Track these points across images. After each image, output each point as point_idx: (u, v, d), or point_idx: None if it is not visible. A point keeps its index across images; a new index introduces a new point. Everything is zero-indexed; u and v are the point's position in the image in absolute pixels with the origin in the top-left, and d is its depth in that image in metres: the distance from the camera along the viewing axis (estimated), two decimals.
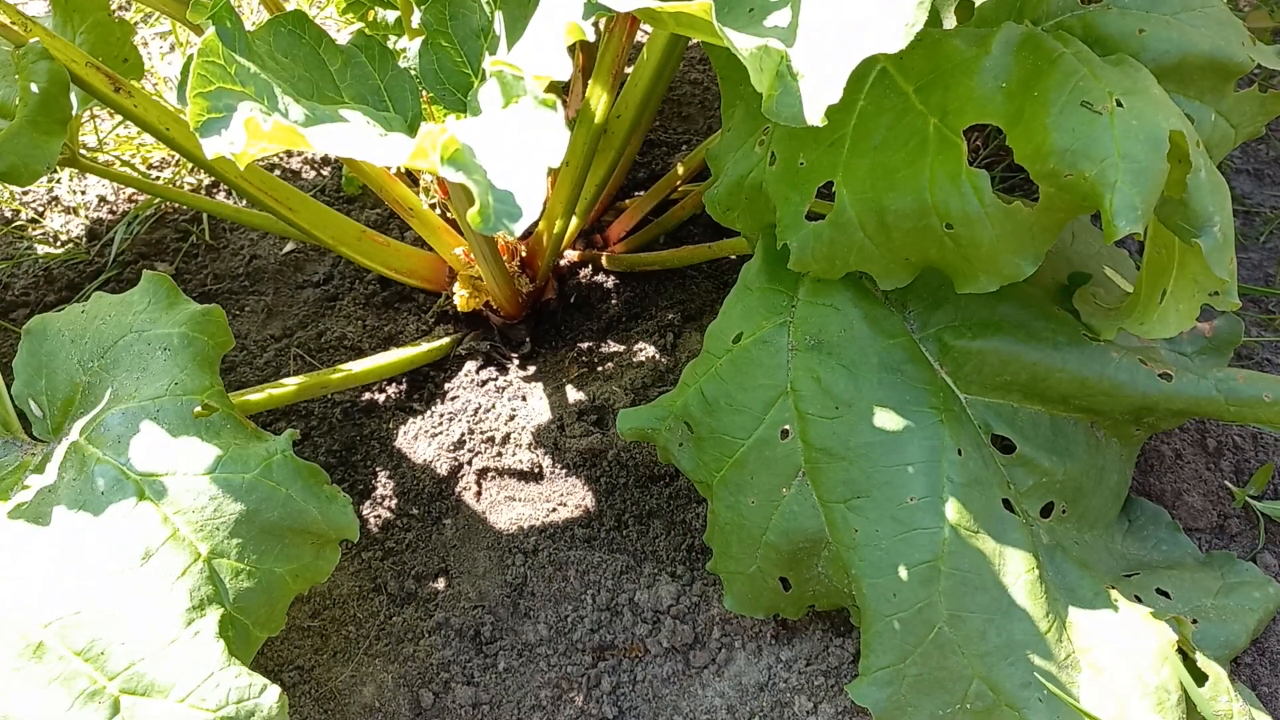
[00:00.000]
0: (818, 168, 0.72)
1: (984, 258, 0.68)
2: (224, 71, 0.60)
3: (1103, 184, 0.61)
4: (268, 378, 1.06)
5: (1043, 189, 0.65)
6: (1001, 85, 0.67)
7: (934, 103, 0.69)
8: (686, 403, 0.79)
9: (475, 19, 0.78)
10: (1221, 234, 0.65)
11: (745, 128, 0.79)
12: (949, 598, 0.69)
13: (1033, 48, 0.67)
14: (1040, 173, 0.64)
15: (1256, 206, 1.18)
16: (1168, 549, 0.83)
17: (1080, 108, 0.63)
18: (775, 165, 0.75)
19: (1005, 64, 0.67)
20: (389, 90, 0.78)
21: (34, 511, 0.66)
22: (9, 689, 0.58)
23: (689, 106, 1.34)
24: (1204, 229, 0.65)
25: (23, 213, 1.29)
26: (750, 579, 0.77)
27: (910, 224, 0.69)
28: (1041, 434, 0.78)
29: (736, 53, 0.53)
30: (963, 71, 0.68)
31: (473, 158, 0.50)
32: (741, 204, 0.80)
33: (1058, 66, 0.65)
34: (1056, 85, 0.65)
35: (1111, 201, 0.60)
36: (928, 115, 0.69)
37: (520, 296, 1.03)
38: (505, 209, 0.48)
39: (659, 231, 1.12)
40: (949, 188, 0.67)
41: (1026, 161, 0.65)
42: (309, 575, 0.68)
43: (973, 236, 0.67)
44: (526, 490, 0.94)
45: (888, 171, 0.69)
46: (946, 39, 0.70)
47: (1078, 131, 0.62)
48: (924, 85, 0.70)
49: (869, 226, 0.70)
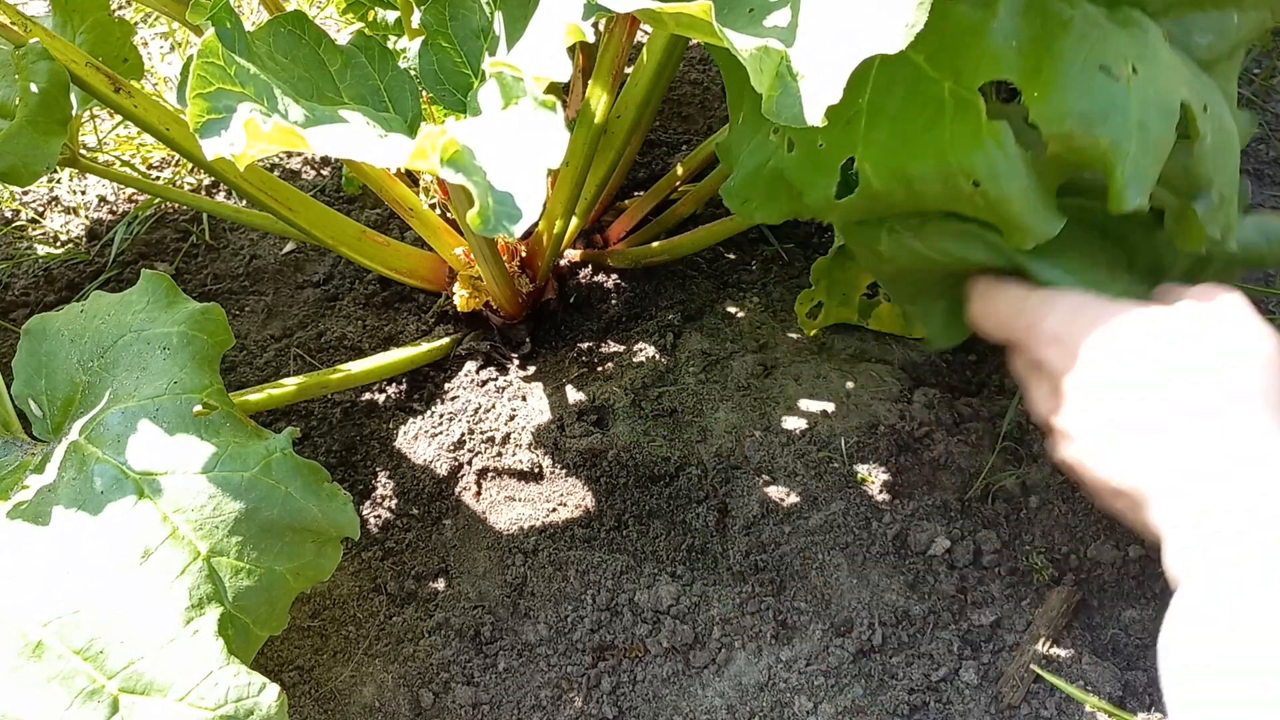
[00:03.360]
0: (838, 146, 0.72)
1: (1017, 212, 0.68)
2: (223, 72, 0.60)
3: (1115, 152, 0.61)
4: (268, 378, 1.06)
5: (1050, 148, 0.64)
6: (1013, 44, 0.67)
7: (946, 67, 0.68)
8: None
9: (475, 19, 0.78)
10: (1218, 195, 0.66)
11: (756, 119, 0.79)
12: None
13: (1040, 9, 0.67)
14: (1054, 133, 0.64)
15: (1256, 207, 1.18)
16: None
17: (1099, 72, 0.62)
18: (794, 152, 0.75)
19: (1015, 25, 0.67)
20: (389, 91, 0.78)
21: (33, 511, 0.66)
22: (8, 687, 0.58)
23: (689, 106, 1.34)
24: (1200, 194, 0.66)
25: (23, 213, 1.29)
26: None
27: (937, 187, 0.68)
28: None
29: (736, 53, 0.54)
30: (972, 34, 0.68)
31: (472, 159, 0.50)
32: (760, 194, 0.79)
33: (1069, 29, 0.65)
34: (1072, 47, 0.64)
35: (1123, 172, 0.60)
36: (941, 81, 0.68)
37: (520, 296, 1.03)
38: (505, 210, 0.48)
39: (659, 231, 1.12)
40: (970, 145, 0.66)
41: (1041, 121, 0.64)
42: (310, 574, 0.68)
43: (1003, 190, 0.66)
44: (526, 490, 0.94)
45: (907, 140, 0.69)
46: (952, 5, 0.69)
47: (1097, 96, 0.62)
48: (934, 52, 0.69)
49: (897, 194, 0.70)
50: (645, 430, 0.96)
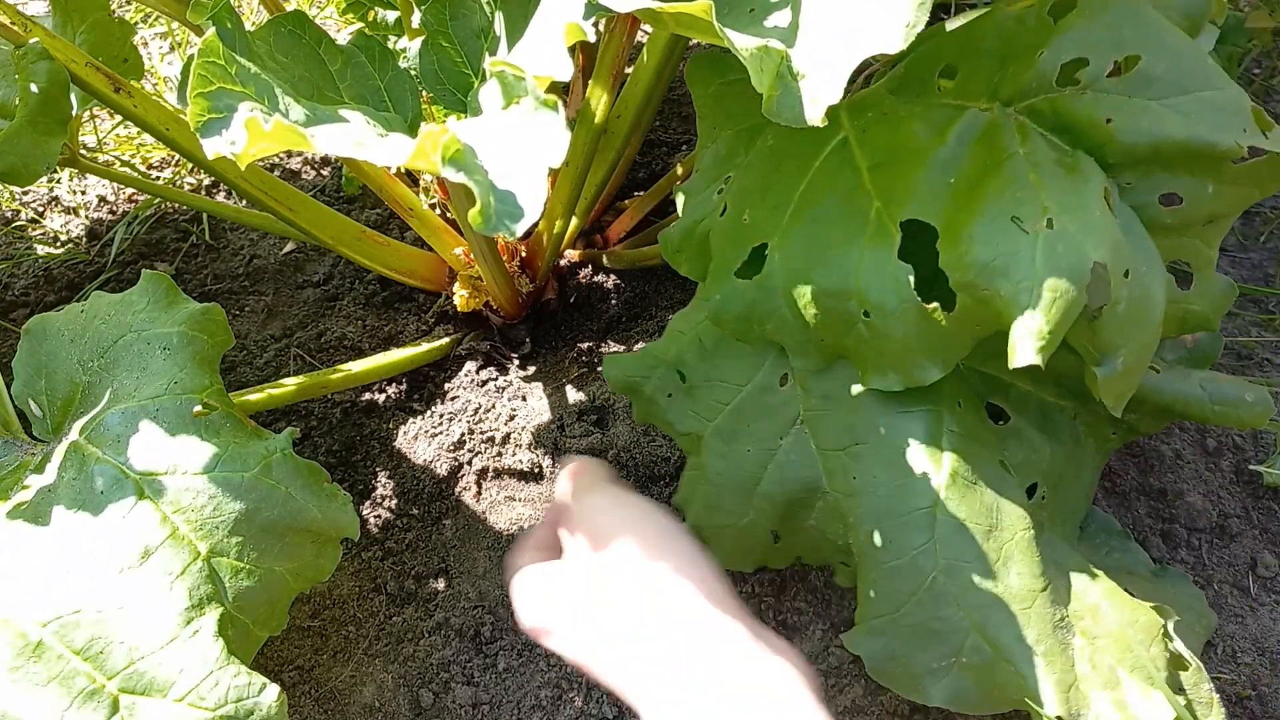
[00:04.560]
0: (759, 227, 0.72)
1: (894, 353, 0.67)
2: (224, 72, 0.60)
3: (1015, 306, 0.59)
4: (268, 378, 1.06)
5: (959, 299, 0.63)
6: (949, 181, 0.66)
7: (882, 186, 0.68)
8: (681, 351, 0.77)
9: (476, 19, 0.78)
10: (1122, 365, 0.64)
11: (711, 173, 0.79)
12: (945, 546, 0.67)
13: (989, 142, 0.66)
14: (959, 282, 0.62)
15: (1256, 206, 1.18)
16: (1120, 555, 0.82)
17: (1009, 223, 0.61)
18: (724, 216, 0.75)
19: (958, 156, 0.66)
20: (389, 90, 0.77)
21: (33, 511, 0.66)
22: (8, 687, 0.58)
23: (689, 106, 1.34)
24: (1106, 360, 0.64)
25: (23, 213, 1.29)
26: (741, 532, 0.76)
27: (832, 303, 0.68)
28: (1031, 412, 0.77)
29: (737, 52, 0.53)
30: (915, 160, 0.67)
31: (474, 158, 0.50)
32: (690, 249, 0.79)
33: (1003, 170, 0.63)
34: (994, 193, 0.62)
35: (1018, 327, 0.59)
36: (874, 197, 0.67)
37: (520, 296, 1.03)
38: (507, 209, 0.48)
39: (659, 232, 1.12)
40: (875, 275, 0.66)
41: (948, 268, 0.63)
42: (310, 574, 0.68)
43: (887, 330, 0.66)
44: (526, 490, 0.94)
45: (823, 245, 0.68)
46: (910, 120, 0.69)
47: (1001, 247, 0.60)
48: (877, 165, 0.69)
49: (790, 297, 0.70)
50: (645, 430, 0.96)
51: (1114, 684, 0.66)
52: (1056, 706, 0.64)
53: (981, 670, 0.66)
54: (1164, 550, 0.89)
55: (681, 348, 0.77)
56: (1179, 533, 0.90)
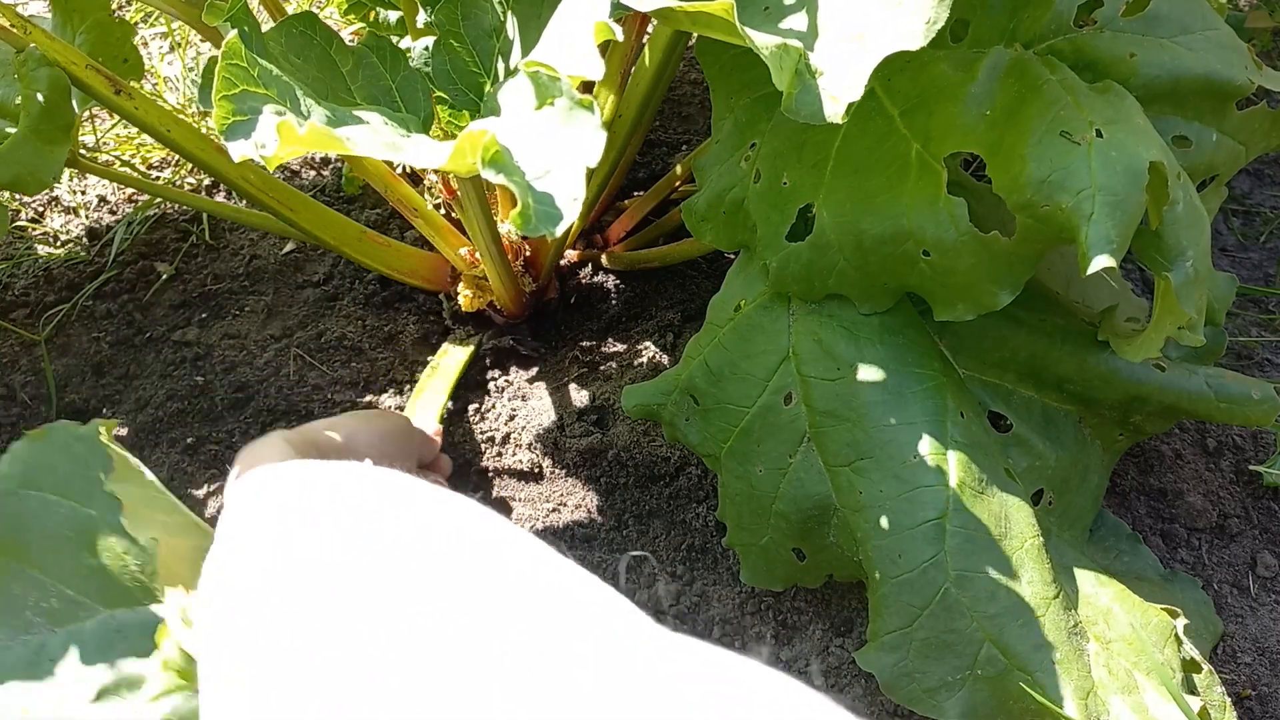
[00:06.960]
0: (800, 188, 0.72)
1: (960, 286, 0.68)
2: (247, 74, 0.59)
3: (1079, 216, 0.60)
4: (268, 377, 1.06)
5: (1019, 220, 0.63)
6: (985, 113, 0.66)
7: (918, 127, 0.68)
8: (691, 375, 0.78)
9: (487, 20, 0.77)
10: (1193, 269, 0.64)
11: (733, 141, 0.79)
12: (956, 557, 0.67)
13: (1019, 74, 0.66)
14: (1017, 204, 0.63)
15: (1256, 206, 1.18)
16: (1129, 559, 0.82)
17: (1059, 138, 0.61)
18: (759, 183, 0.75)
19: (990, 90, 0.66)
20: (400, 91, 0.77)
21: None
22: None
23: (689, 106, 1.34)
24: (1175, 263, 0.64)
25: (23, 213, 1.29)
26: (764, 550, 0.76)
27: (888, 249, 0.68)
28: (1034, 418, 0.78)
29: (757, 50, 0.53)
30: (948, 97, 0.67)
31: (512, 159, 0.49)
32: (719, 218, 0.79)
33: (1041, 94, 0.64)
34: (1038, 114, 0.63)
35: (1087, 235, 0.59)
36: (911, 140, 0.68)
37: (524, 296, 1.03)
38: (545, 210, 0.48)
39: (659, 232, 1.12)
40: (927, 214, 0.66)
41: (1004, 192, 0.63)
42: None
43: (949, 265, 0.66)
44: (526, 490, 0.94)
45: (868, 195, 0.69)
46: (935, 62, 0.69)
47: (1055, 162, 0.61)
48: (909, 109, 0.69)
49: (847, 250, 0.70)
50: (645, 430, 0.96)
51: (1131, 688, 0.66)
52: (1076, 713, 0.64)
53: (997, 681, 0.66)
54: (1164, 550, 0.89)
55: (692, 372, 0.78)
56: (1179, 533, 0.90)
